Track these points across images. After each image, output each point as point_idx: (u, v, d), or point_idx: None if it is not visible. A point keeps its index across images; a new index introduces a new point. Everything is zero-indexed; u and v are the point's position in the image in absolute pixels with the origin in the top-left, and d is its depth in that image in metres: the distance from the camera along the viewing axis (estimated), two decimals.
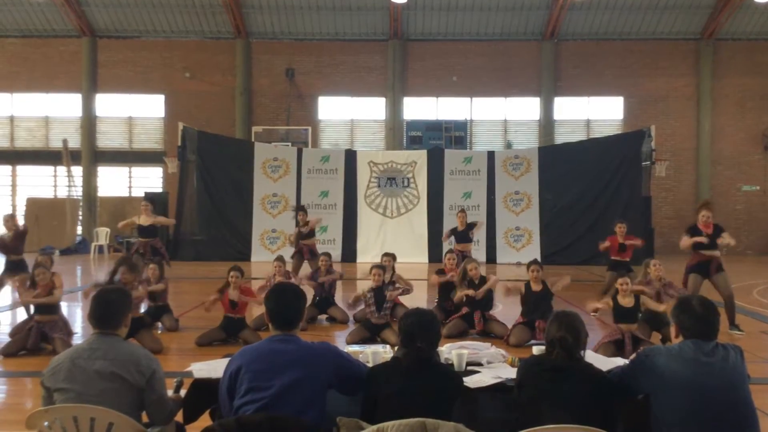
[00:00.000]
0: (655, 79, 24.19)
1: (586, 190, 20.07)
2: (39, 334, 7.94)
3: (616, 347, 7.54)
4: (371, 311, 8.55)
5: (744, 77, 24.09)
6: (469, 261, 9.38)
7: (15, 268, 10.30)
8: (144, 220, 12.03)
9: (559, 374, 3.34)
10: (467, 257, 10.02)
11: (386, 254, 10.04)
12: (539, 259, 9.70)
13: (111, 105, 24.91)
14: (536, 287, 8.65)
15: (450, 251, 10.75)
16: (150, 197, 16.60)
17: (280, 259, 9.88)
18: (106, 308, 3.55)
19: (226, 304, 8.51)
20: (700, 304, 3.38)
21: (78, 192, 24.30)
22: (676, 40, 24.28)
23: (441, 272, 10.13)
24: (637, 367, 3.40)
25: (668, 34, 24.23)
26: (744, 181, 24.29)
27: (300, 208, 13.17)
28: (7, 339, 8.19)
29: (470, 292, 8.93)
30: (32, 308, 8.41)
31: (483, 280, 9.14)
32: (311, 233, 12.67)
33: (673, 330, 3.45)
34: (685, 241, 9.35)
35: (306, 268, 12.39)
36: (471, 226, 12.63)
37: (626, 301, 7.89)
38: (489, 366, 4.30)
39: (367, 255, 19.78)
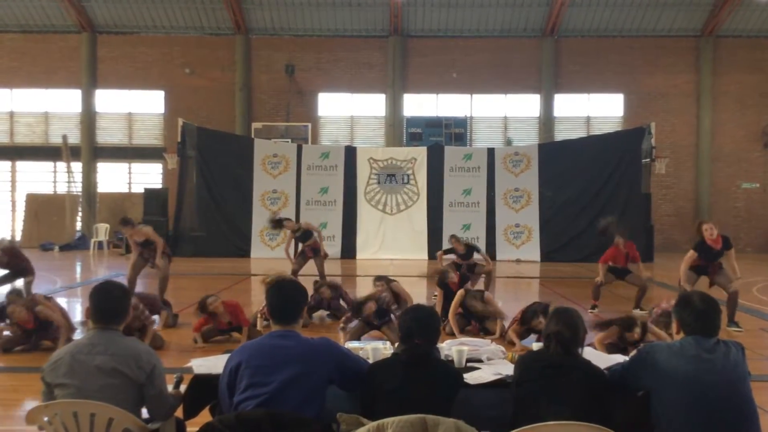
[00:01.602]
0: (656, 76, 24.17)
1: (586, 187, 20.06)
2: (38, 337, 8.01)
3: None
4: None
5: (744, 74, 24.07)
6: (472, 297, 8.88)
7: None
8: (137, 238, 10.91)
9: (556, 370, 3.33)
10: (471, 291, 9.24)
11: (378, 278, 9.06)
12: (539, 257, 9.52)
13: (110, 101, 24.88)
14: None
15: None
16: (125, 220, 15.15)
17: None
18: (107, 303, 3.55)
19: (223, 325, 8.35)
20: (701, 300, 3.37)
21: (77, 188, 24.29)
22: (676, 36, 24.26)
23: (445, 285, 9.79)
24: (638, 364, 3.39)
25: (669, 31, 24.21)
26: (744, 178, 24.30)
27: (277, 224, 12.39)
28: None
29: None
30: None
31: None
32: (308, 234, 12.53)
33: (674, 326, 3.44)
34: (685, 266, 9.18)
35: (311, 268, 12.39)
36: (474, 249, 11.88)
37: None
38: (489, 362, 4.29)
39: (367, 251, 19.80)
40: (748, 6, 23.19)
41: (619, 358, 4.19)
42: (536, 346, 4.16)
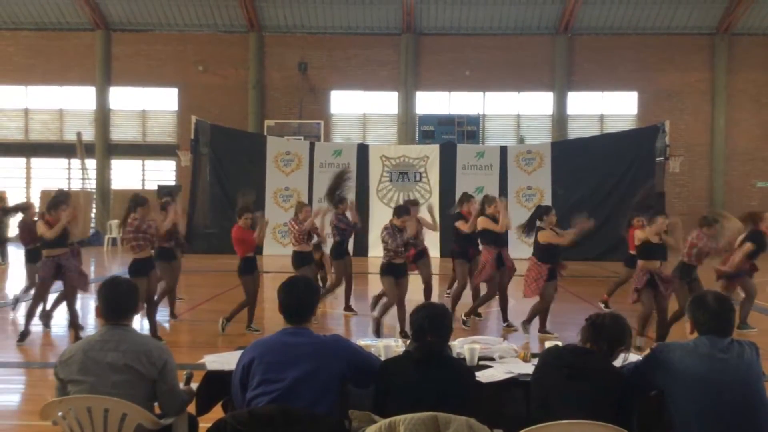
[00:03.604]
0: (670, 73, 24.00)
1: (599, 186, 19.97)
2: (55, 267, 8.05)
3: (652, 290, 7.84)
4: (397, 251, 8.37)
5: (759, 72, 23.86)
6: (491, 199, 9.53)
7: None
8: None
9: (577, 373, 3.30)
10: (488, 196, 9.87)
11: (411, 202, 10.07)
12: None
13: (124, 98, 25.01)
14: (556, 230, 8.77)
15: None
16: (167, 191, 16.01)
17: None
18: (116, 300, 3.57)
19: (252, 245, 8.66)
20: (715, 300, 3.35)
21: (92, 185, 24.42)
22: (691, 34, 24.08)
23: (460, 215, 9.93)
24: (651, 363, 3.38)
25: (683, 29, 24.03)
26: (759, 176, 24.10)
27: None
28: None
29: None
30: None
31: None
32: None
33: (688, 326, 3.42)
34: (740, 261, 8.98)
35: None
36: None
37: (656, 239, 8.03)
38: (501, 361, 4.29)
39: (379, 249, 19.67)
40: (764, 3, 22.96)
41: (633, 358, 4.17)
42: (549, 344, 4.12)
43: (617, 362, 3.54)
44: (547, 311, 8.81)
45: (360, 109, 24.87)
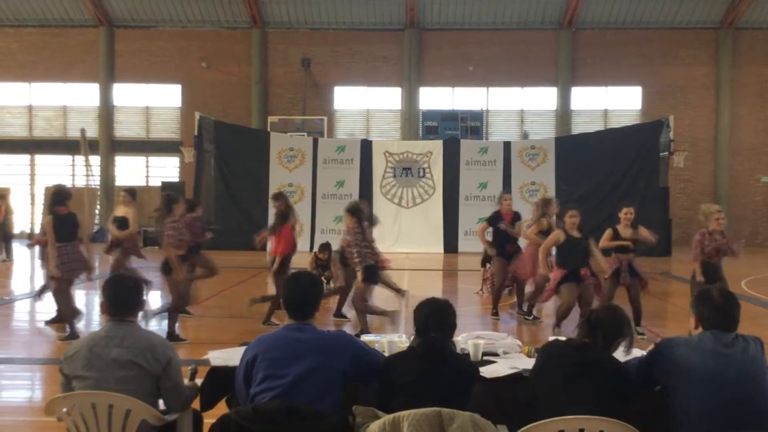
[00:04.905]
0: (674, 68, 23.93)
1: (603, 181, 19.95)
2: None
3: (615, 279, 8.14)
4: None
5: (764, 67, 23.77)
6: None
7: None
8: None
9: (581, 368, 3.29)
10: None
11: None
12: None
13: (128, 95, 25.03)
14: (575, 234, 8.55)
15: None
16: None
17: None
18: (122, 296, 3.58)
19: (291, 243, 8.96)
20: (720, 295, 3.34)
21: (96, 181, 24.45)
22: (695, 29, 24.00)
23: (498, 216, 10.16)
24: (655, 358, 3.37)
25: (687, 23, 23.95)
26: (763, 171, 24.03)
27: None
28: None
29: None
30: None
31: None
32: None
33: (692, 321, 3.41)
34: None
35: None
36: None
37: (627, 233, 8.28)
38: (505, 356, 4.28)
39: (382, 245, 19.37)
40: None
41: (636, 353, 4.16)
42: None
43: (623, 356, 3.53)
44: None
45: (363, 104, 24.86)
